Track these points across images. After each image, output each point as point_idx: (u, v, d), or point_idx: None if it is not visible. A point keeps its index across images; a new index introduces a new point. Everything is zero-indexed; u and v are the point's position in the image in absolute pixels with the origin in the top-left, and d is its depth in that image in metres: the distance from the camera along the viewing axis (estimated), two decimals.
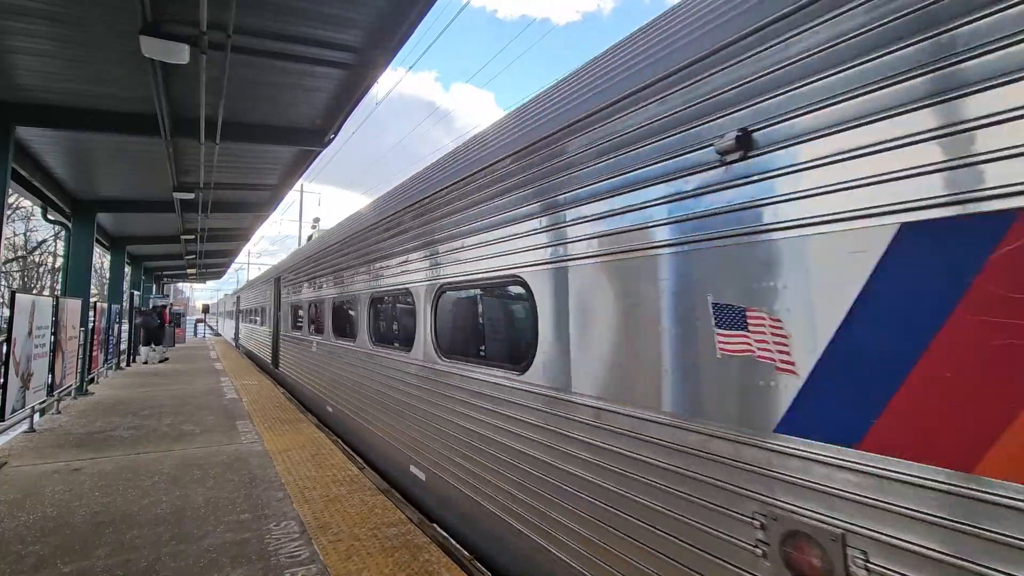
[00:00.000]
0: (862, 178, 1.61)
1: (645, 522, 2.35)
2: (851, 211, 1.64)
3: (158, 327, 18.12)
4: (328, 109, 7.48)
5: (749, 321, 1.93)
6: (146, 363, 17.13)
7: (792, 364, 1.78)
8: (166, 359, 17.84)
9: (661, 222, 2.33)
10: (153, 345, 17.57)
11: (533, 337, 3.16)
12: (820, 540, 1.68)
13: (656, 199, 2.36)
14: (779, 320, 1.83)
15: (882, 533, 1.54)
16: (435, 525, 4.35)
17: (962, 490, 1.39)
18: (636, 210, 2.47)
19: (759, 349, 1.89)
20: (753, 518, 1.89)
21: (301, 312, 10.34)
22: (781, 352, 1.81)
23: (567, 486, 2.84)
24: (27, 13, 4.93)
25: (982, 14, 1.40)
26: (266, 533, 3.99)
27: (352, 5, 5.11)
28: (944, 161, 1.45)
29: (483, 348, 4.31)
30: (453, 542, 4.02)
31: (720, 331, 2.04)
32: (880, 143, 1.58)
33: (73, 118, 7.01)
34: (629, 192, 2.51)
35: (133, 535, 3.98)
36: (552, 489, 2.95)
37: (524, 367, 3.24)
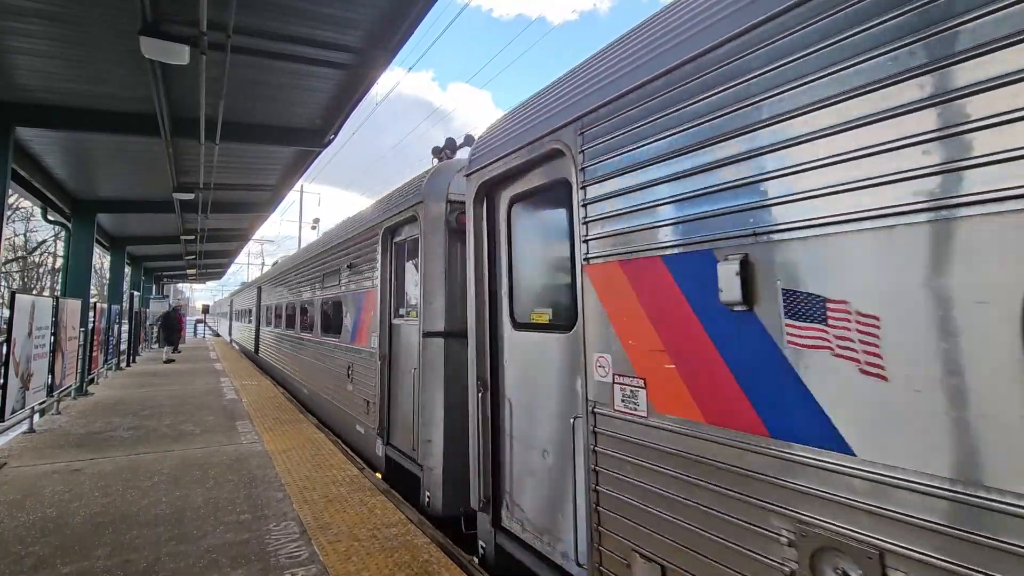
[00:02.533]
0: None
1: None
2: None
3: (166, 326, 18.68)
4: (328, 109, 7.48)
5: None
6: (165, 362, 17.50)
7: None
8: (172, 360, 18.01)
9: None
10: (171, 343, 18.49)
11: None
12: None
13: None
14: None
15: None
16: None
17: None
18: None
19: None
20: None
21: None
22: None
23: None
24: (27, 13, 4.93)
25: None
26: (266, 533, 3.99)
27: (352, 5, 5.11)
28: None
29: None
30: (452, 543, 4.01)
31: None
32: None
33: (73, 118, 7.01)
34: None
35: (133, 535, 3.98)
36: None
37: None
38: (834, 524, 1.70)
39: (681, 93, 2.33)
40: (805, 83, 1.87)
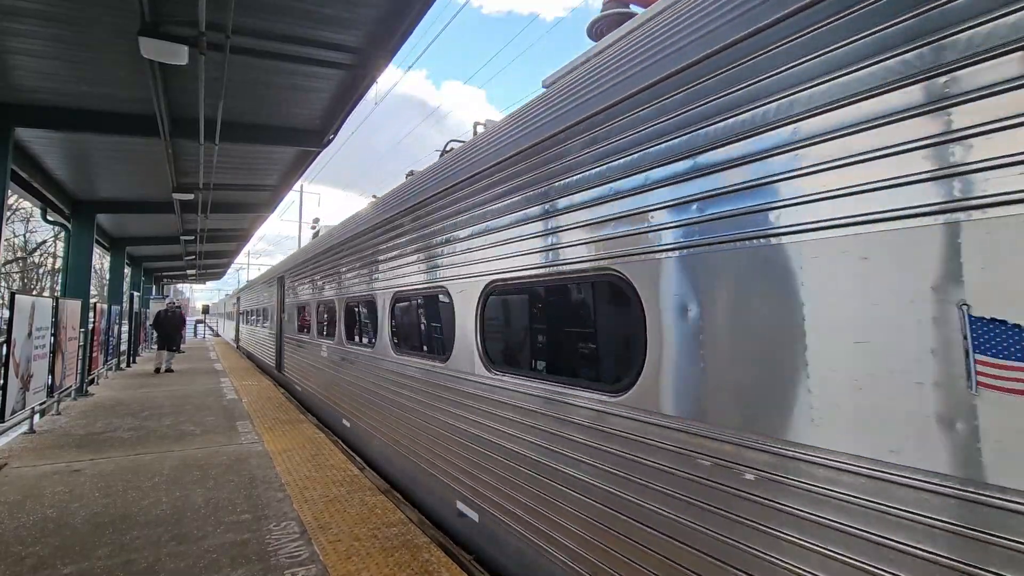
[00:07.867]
0: None
1: None
2: None
3: (160, 326, 14.94)
4: (327, 110, 7.48)
5: None
6: (158, 371, 14.37)
7: None
8: (170, 369, 14.63)
9: None
10: (169, 349, 14.77)
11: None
12: None
13: None
14: None
15: None
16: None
17: None
18: None
19: None
20: None
21: None
22: None
23: None
24: (26, 14, 4.93)
25: None
26: (266, 533, 3.99)
27: (351, 6, 5.12)
28: None
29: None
30: (453, 543, 4.02)
31: None
32: None
33: (72, 119, 7.01)
34: None
35: (133, 536, 3.98)
36: None
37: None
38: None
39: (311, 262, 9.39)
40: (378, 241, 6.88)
